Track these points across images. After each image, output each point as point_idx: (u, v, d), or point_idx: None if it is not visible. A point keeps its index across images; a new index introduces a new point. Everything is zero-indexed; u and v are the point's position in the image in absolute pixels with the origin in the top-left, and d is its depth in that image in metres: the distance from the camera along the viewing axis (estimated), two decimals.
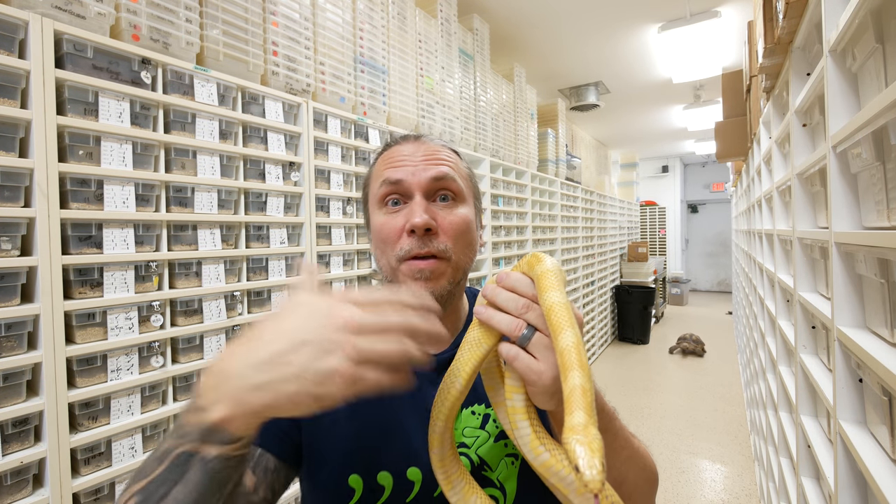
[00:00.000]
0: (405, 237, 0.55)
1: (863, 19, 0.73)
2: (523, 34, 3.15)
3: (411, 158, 0.58)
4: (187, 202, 1.20)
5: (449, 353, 0.58)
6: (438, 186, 0.57)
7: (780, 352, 1.60)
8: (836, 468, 0.83)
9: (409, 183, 0.56)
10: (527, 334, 0.41)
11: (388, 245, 0.56)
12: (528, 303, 0.41)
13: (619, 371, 4.53)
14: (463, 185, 0.60)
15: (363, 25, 1.79)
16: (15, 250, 0.90)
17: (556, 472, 0.40)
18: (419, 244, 0.54)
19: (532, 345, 0.40)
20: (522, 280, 0.43)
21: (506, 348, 0.41)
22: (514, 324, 0.41)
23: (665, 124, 5.92)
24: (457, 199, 0.58)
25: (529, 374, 0.40)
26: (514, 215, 3.02)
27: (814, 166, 1.06)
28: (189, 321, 1.20)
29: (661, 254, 8.06)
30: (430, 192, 0.57)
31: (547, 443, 0.42)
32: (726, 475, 2.62)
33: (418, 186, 0.56)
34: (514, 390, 0.43)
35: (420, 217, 0.53)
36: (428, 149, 0.59)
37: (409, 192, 0.56)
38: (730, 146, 2.87)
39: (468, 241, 0.58)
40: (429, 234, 0.54)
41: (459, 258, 0.57)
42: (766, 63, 1.43)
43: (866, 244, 0.72)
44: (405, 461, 0.54)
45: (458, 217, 0.57)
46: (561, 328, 0.38)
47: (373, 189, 0.60)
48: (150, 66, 1.11)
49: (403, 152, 0.59)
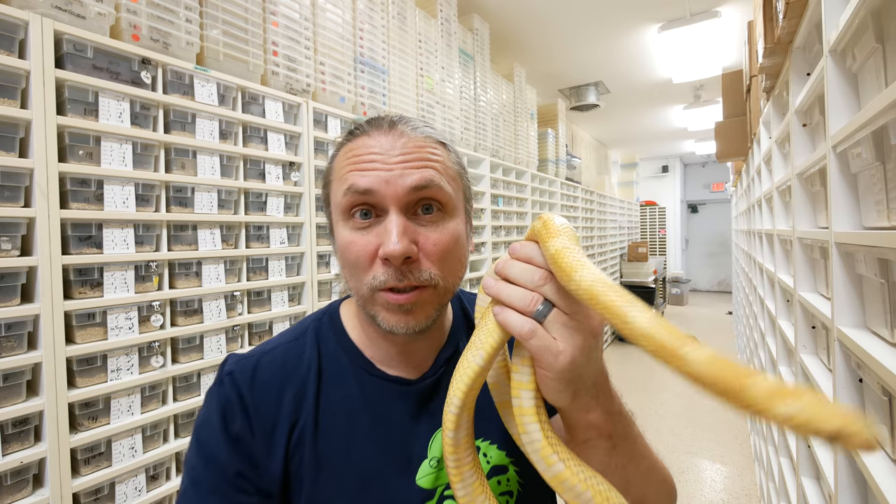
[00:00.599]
0: (378, 264, 0.44)
1: (863, 19, 0.73)
2: (523, 34, 3.15)
3: (385, 158, 0.44)
4: (187, 202, 1.20)
5: (431, 379, 0.52)
6: (420, 196, 0.45)
7: (780, 352, 1.60)
8: (836, 468, 0.83)
9: (383, 194, 0.44)
10: (542, 310, 0.35)
11: (358, 270, 0.45)
12: (546, 274, 0.36)
13: (619, 371, 4.53)
14: (451, 189, 0.47)
15: (363, 25, 1.79)
16: (15, 250, 0.90)
17: (572, 486, 0.35)
18: (396, 275, 0.43)
19: (549, 322, 0.35)
20: (534, 248, 0.37)
21: (519, 322, 0.35)
22: (529, 297, 0.35)
23: (665, 124, 5.92)
24: (444, 210, 0.47)
25: (545, 356, 0.34)
26: (514, 215, 3.02)
27: (814, 166, 1.06)
28: (189, 321, 1.20)
29: (661, 254, 8.06)
30: (410, 204, 0.45)
31: (561, 451, 0.36)
32: (726, 475, 2.62)
33: (394, 199, 0.44)
34: (521, 386, 0.38)
35: (395, 244, 0.42)
36: (407, 144, 0.46)
37: (383, 205, 0.44)
38: (730, 146, 2.87)
39: (457, 258, 0.48)
40: (408, 263, 0.44)
41: (448, 282, 0.47)
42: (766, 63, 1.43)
43: (866, 244, 0.72)
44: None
45: (446, 235, 0.46)
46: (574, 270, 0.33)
47: (335, 193, 0.48)
48: (150, 66, 1.11)
49: (374, 148, 0.45)
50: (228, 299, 1.28)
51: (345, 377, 0.50)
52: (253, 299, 1.37)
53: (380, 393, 0.50)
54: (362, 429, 0.48)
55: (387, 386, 0.50)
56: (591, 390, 0.38)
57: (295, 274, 1.49)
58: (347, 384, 0.50)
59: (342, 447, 0.47)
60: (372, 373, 0.51)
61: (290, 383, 0.49)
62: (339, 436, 0.48)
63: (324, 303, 1.56)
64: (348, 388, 0.50)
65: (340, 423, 0.48)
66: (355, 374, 0.51)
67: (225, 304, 1.27)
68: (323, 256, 1.58)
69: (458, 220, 0.49)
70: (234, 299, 1.30)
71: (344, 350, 0.52)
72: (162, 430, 1.13)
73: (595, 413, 0.38)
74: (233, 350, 1.28)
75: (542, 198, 3.49)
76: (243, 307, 1.33)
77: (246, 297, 1.34)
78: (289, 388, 0.49)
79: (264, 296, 1.40)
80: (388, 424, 0.49)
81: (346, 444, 0.47)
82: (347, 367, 0.51)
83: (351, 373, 0.51)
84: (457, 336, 0.57)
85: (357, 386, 0.50)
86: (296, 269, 1.50)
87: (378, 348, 0.52)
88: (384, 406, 0.50)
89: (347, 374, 0.51)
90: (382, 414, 0.49)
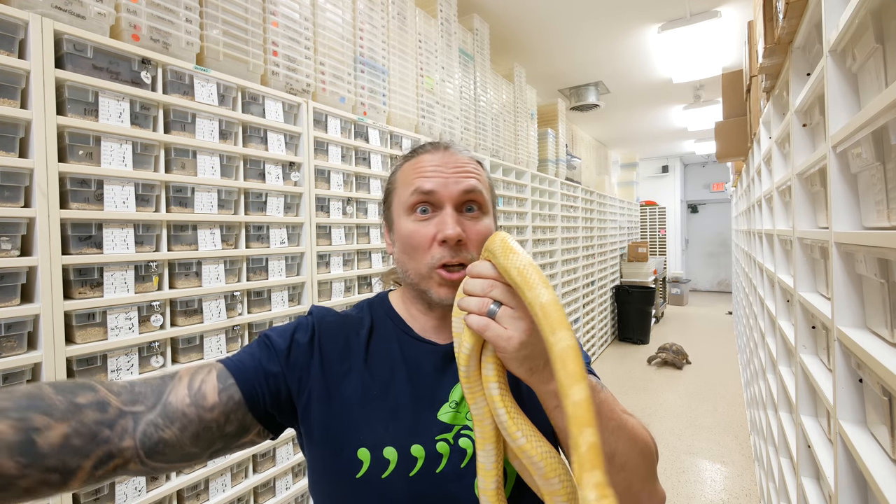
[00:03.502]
0: (436, 246, 0.59)
1: (863, 19, 0.73)
2: (523, 34, 3.15)
3: (442, 170, 0.61)
4: (187, 202, 1.20)
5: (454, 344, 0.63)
6: (467, 199, 0.61)
7: (780, 352, 1.60)
8: (836, 468, 0.83)
9: (441, 195, 0.60)
10: (493, 309, 0.45)
11: (419, 252, 0.60)
12: (492, 282, 0.46)
13: (620, 371, 4.53)
14: (487, 196, 0.64)
15: (363, 25, 1.79)
16: (15, 250, 0.90)
17: (530, 456, 0.45)
18: (451, 253, 0.58)
19: (500, 316, 0.45)
20: (484, 264, 0.48)
21: (476, 321, 0.45)
22: (481, 303, 0.46)
23: (665, 124, 5.92)
24: (482, 210, 0.62)
25: (499, 342, 0.44)
26: (514, 215, 3.02)
27: (814, 166, 1.06)
28: (189, 321, 1.20)
29: (661, 254, 8.06)
30: (459, 203, 0.60)
31: (524, 427, 0.46)
32: (726, 475, 2.62)
33: (449, 198, 0.60)
34: (488, 379, 0.48)
35: (453, 229, 0.57)
36: (458, 161, 0.63)
37: (440, 202, 0.60)
38: (730, 146, 2.87)
39: None
40: (459, 245, 0.58)
41: None
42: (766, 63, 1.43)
43: (866, 244, 0.72)
44: (409, 439, 0.57)
45: (483, 227, 0.61)
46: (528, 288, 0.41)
47: (401, 195, 0.63)
48: (150, 66, 1.11)
49: (433, 162, 0.62)
50: (228, 299, 1.28)
51: (389, 337, 0.65)
52: (253, 299, 1.37)
53: (415, 351, 0.64)
54: (400, 375, 0.61)
55: (421, 346, 0.64)
56: (547, 364, 0.45)
57: (295, 274, 1.49)
58: (390, 342, 0.64)
59: (383, 384, 0.60)
60: (410, 335, 0.65)
61: (350, 333, 0.64)
62: (381, 377, 0.61)
63: (323, 303, 1.56)
64: (391, 345, 0.64)
65: (384, 369, 0.62)
66: (397, 337, 0.65)
67: (225, 304, 1.27)
68: (323, 256, 1.58)
69: (490, 219, 0.64)
70: (234, 299, 1.30)
71: (391, 319, 0.67)
72: None
73: (554, 383, 0.45)
74: (233, 350, 1.29)
75: (542, 198, 3.49)
76: (243, 307, 1.33)
77: (246, 297, 1.34)
78: (347, 335, 0.64)
79: (264, 296, 1.40)
80: (419, 374, 0.62)
81: (387, 383, 0.61)
82: (392, 331, 0.66)
83: (394, 335, 0.65)
84: None
85: (398, 345, 0.64)
86: (296, 269, 1.50)
87: (417, 321, 0.66)
88: (417, 360, 0.63)
89: (391, 335, 0.65)
90: (415, 366, 0.62)
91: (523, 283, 0.41)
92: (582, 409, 0.35)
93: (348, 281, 1.68)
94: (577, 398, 0.35)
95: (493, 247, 0.47)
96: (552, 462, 0.45)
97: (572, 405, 0.35)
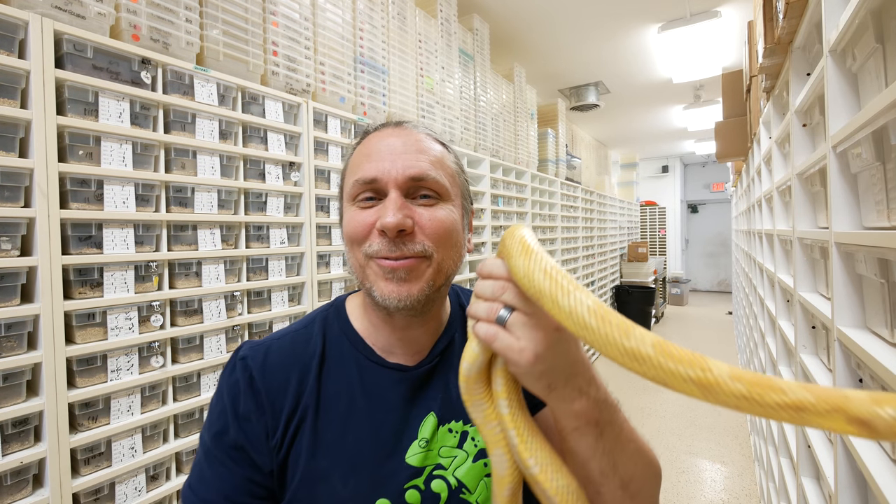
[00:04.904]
0: (375, 235, 0.49)
1: (863, 19, 0.73)
2: (523, 34, 3.15)
3: (390, 153, 0.50)
4: (187, 202, 1.20)
5: (426, 367, 0.56)
6: (417, 185, 0.50)
7: (780, 352, 1.60)
8: (836, 468, 0.83)
9: (385, 180, 0.49)
10: (504, 315, 0.38)
11: (356, 242, 0.50)
12: (503, 283, 0.39)
13: (620, 371, 4.53)
14: (447, 183, 0.52)
15: (363, 25, 1.79)
16: (15, 250, 0.90)
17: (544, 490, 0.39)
18: (390, 247, 0.48)
19: (511, 324, 0.38)
20: (496, 262, 0.41)
21: (483, 329, 0.38)
22: (490, 308, 0.39)
23: (665, 124, 5.92)
24: (440, 198, 0.52)
25: (510, 354, 0.37)
26: (514, 215, 3.02)
27: (814, 166, 1.06)
28: (189, 321, 1.20)
29: (661, 254, 8.06)
30: (409, 189, 0.50)
31: (538, 454, 0.40)
32: (726, 475, 2.62)
33: (394, 183, 0.49)
34: (498, 395, 0.41)
35: (392, 216, 0.47)
36: (409, 142, 0.52)
37: (384, 189, 0.50)
38: (730, 146, 2.87)
39: (452, 241, 0.52)
40: (402, 236, 0.48)
41: (443, 258, 0.51)
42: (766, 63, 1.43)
43: (866, 244, 0.72)
44: (372, 494, 0.50)
45: (440, 214, 0.51)
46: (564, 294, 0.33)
47: (346, 182, 0.54)
48: (150, 66, 1.11)
49: (382, 145, 0.52)
50: (228, 299, 1.28)
51: (346, 363, 0.55)
52: (253, 299, 1.37)
53: (377, 378, 0.54)
54: (359, 411, 0.52)
55: (385, 372, 0.54)
56: (570, 381, 0.39)
57: (295, 274, 1.49)
58: (348, 369, 0.54)
59: (339, 427, 0.51)
60: (371, 359, 0.55)
61: (296, 367, 0.53)
62: (337, 416, 0.52)
63: (324, 302, 1.56)
64: (349, 374, 0.54)
65: (340, 405, 0.52)
66: (356, 361, 0.55)
67: (225, 304, 1.27)
68: (323, 256, 1.58)
69: (454, 208, 0.53)
70: (234, 299, 1.30)
71: (347, 338, 0.56)
72: (162, 431, 1.13)
73: (579, 402, 0.40)
74: (233, 350, 1.28)
75: (542, 198, 3.49)
76: (243, 307, 1.33)
77: (246, 297, 1.34)
78: (295, 371, 0.53)
79: (264, 296, 1.40)
80: (383, 408, 0.53)
81: (344, 424, 0.51)
82: (349, 354, 0.55)
83: (352, 359, 0.55)
84: (453, 328, 0.60)
85: (357, 371, 0.54)
86: (296, 269, 1.50)
87: (380, 335, 0.55)
88: (380, 391, 0.53)
89: (349, 360, 0.55)
90: (378, 398, 0.53)
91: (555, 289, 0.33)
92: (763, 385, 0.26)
93: (348, 281, 1.68)
94: (743, 381, 0.26)
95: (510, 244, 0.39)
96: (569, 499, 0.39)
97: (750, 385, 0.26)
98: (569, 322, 0.32)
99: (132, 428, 1.05)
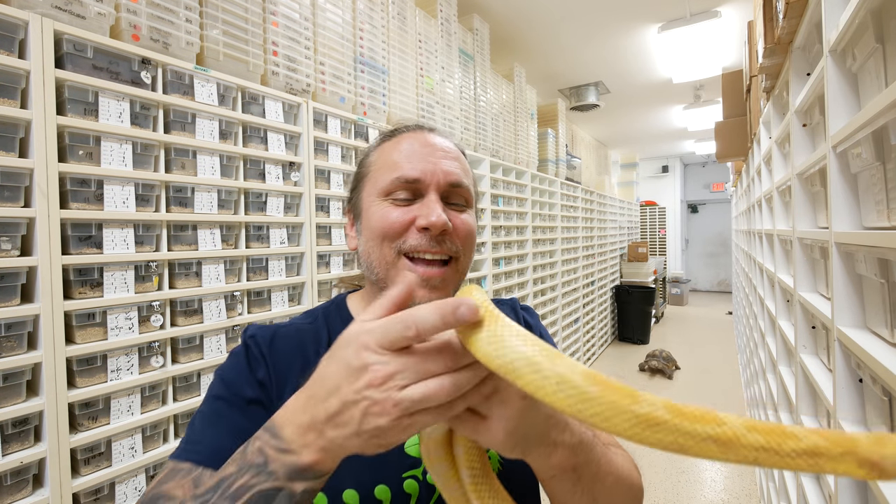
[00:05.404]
0: (413, 232, 0.51)
1: (863, 19, 0.73)
2: (523, 34, 3.15)
3: (429, 156, 0.54)
4: (187, 202, 1.20)
5: None
6: (454, 191, 0.55)
7: (780, 352, 1.60)
8: None
9: (427, 182, 0.53)
10: None
11: (388, 237, 0.52)
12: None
13: (620, 371, 4.53)
14: (473, 191, 0.58)
15: (363, 25, 1.79)
16: (15, 250, 0.90)
17: None
18: (430, 243, 0.51)
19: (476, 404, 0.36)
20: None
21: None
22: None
23: (665, 124, 5.92)
24: (467, 205, 0.57)
25: (477, 436, 0.35)
26: (514, 215, 3.02)
27: (814, 166, 1.06)
28: (189, 321, 1.20)
29: (661, 254, 8.06)
30: (445, 194, 0.54)
31: None
32: (726, 475, 2.62)
33: (436, 186, 0.53)
34: (461, 465, 0.40)
35: (438, 216, 0.50)
36: (444, 148, 0.56)
37: (424, 190, 0.53)
38: (730, 146, 2.87)
39: (473, 245, 0.57)
40: (443, 235, 0.52)
41: (464, 262, 0.56)
42: (766, 63, 1.43)
43: (866, 244, 0.72)
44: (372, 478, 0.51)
45: (470, 220, 0.56)
46: (552, 359, 0.29)
47: (377, 179, 0.55)
48: (150, 66, 1.11)
49: (420, 148, 0.55)
50: (228, 299, 1.28)
51: None
52: (253, 299, 1.37)
53: None
54: None
55: None
56: (543, 440, 0.38)
57: (295, 274, 1.49)
58: None
59: None
60: None
61: (302, 353, 0.55)
62: None
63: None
64: None
65: None
66: None
67: (225, 304, 1.27)
68: (323, 256, 1.58)
69: (475, 215, 0.58)
70: (234, 299, 1.30)
71: None
72: (162, 431, 1.13)
73: (556, 455, 0.39)
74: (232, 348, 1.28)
75: (542, 198, 3.49)
76: (243, 307, 1.33)
77: (246, 297, 1.34)
78: (301, 357, 0.54)
79: (264, 296, 1.40)
80: None
81: None
82: None
83: None
84: None
85: None
86: (296, 269, 1.50)
87: None
88: None
89: None
90: None
91: (537, 356, 0.29)
92: None
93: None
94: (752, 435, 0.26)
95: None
96: None
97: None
98: (555, 395, 0.27)
99: (132, 428, 1.05)
